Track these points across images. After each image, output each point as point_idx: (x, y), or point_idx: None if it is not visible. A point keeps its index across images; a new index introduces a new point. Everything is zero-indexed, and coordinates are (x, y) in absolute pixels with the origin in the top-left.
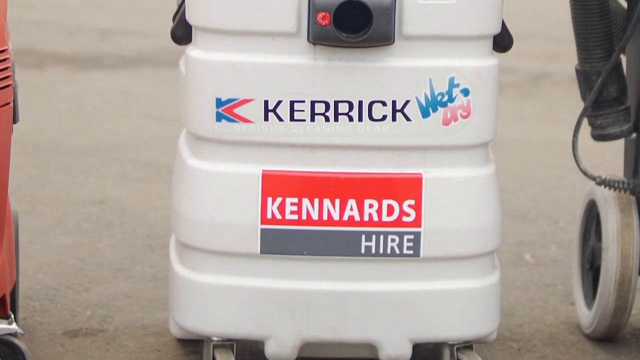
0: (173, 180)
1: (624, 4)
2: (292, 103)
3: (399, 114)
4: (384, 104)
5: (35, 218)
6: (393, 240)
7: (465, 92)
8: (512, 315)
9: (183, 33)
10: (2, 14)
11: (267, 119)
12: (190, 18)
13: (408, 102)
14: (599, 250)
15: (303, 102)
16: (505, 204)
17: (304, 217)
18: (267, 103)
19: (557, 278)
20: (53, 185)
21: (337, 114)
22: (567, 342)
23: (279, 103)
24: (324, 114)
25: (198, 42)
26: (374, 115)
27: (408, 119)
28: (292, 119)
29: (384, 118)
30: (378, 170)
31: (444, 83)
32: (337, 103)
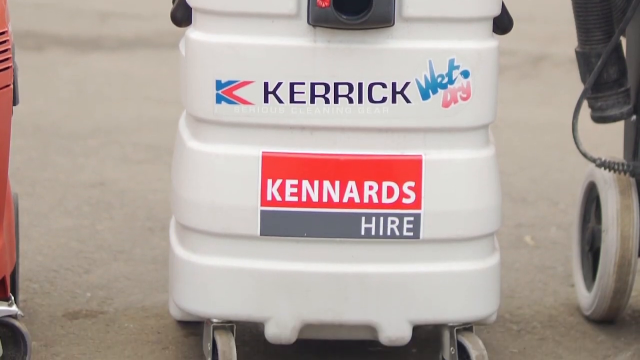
0: (173, 163)
1: None
2: (292, 85)
3: (399, 96)
4: (384, 86)
5: (36, 200)
6: (393, 222)
7: (465, 74)
8: (511, 297)
9: (183, 15)
10: None
11: (267, 101)
12: (190, 0)
13: (408, 84)
14: (599, 232)
15: (303, 84)
16: (505, 186)
17: (304, 199)
18: (267, 85)
19: (556, 260)
20: (53, 168)
21: (337, 96)
22: (566, 323)
23: (279, 85)
24: (324, 96)
25: (198, 24)
26: (374, 97)
27: (408, 101)
28: (292, 101)
29: (384, 100)
30: (378, 152)
31: (444, 65)
32: (337, 85)
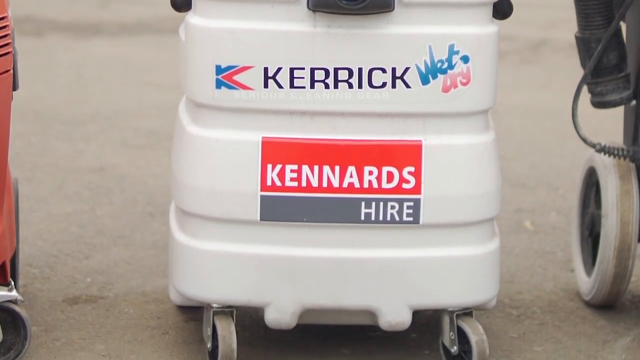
0: (173, 148)
1: None
2: (291, 70)
3: (399, 81)
4: (384, 71)
5: (35, 185)
6: (393, 207)
7: (465, 59)
8: (511, 283)
9: (183, 0)
10: None
11: (266, 86)
12: None
13: (408, 69)
14: (599, 218)
15: (303, 69)
16: (505, 171)
17: (304, 184)
18: (266, 70)
19: (556, 245)
20: (53, 153)
21: (336, 81)
22: (566, 309)
23: (279, 70)
24: (324, 81)
25: (198, 9)
26: (374, 82)
27: (408, 86)
28: (291, 86)
29: (384, 85)
30: (378, 137)
31: (444, 50)
32: (336, 70)
